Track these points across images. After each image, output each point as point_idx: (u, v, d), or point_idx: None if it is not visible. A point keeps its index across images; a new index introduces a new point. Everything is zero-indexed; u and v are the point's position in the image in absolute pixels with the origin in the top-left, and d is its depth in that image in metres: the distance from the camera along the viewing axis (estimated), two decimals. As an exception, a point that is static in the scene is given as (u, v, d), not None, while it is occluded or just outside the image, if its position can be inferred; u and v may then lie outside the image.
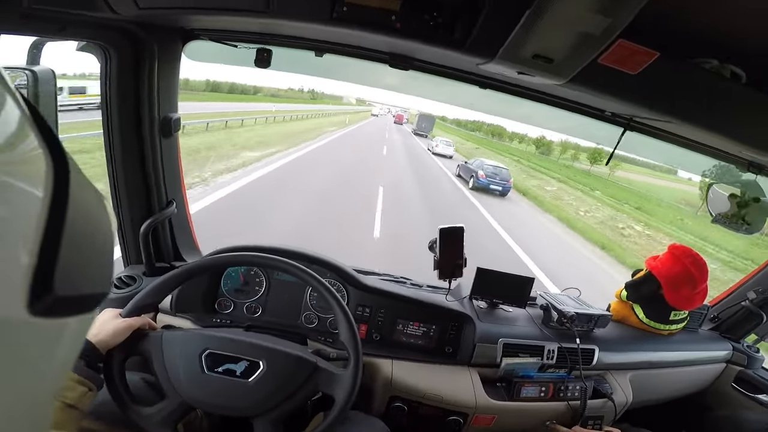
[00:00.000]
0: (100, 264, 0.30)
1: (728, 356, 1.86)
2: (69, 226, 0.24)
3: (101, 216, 0.31)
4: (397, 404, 1.40)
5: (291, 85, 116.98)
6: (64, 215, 0.24)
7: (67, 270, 0.24)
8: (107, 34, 1.13)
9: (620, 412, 1.53)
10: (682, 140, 1.38)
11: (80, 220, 0.26)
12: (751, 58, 0.86)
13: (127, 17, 1.05)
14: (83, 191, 0.27)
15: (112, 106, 1.26)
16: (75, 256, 0.25)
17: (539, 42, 0.82)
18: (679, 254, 1.64)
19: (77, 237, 0.25)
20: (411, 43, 0.98)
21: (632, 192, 32.79)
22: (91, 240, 0.29)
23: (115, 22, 1.10)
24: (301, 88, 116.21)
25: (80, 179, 0.27)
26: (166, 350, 0.98)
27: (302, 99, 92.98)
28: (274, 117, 29.65)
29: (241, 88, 53.76)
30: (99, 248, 0.30)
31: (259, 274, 1.51)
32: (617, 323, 1.79)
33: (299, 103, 66.35)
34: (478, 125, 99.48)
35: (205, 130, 16.70)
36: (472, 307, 1.62)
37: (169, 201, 1.49)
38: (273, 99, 61.75)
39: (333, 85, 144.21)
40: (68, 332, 0.27)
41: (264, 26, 1.19)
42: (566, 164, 47.20)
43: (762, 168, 1.36)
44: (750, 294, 1.81)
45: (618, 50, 0.80)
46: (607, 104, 1.22)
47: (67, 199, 0.24)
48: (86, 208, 0.28)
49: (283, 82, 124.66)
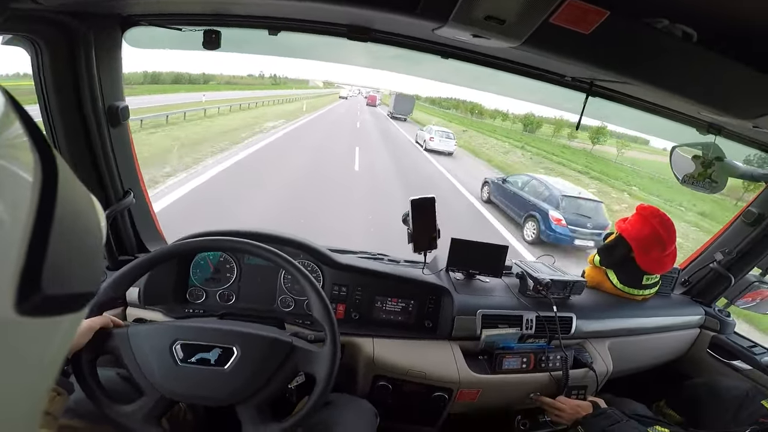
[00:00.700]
0: (88, 262, 0.30)
1: (701, 321, 1.91)
2: (57, 224, 0.24)
3: (90, 214, 0.31)
4: (382, 383, 1.40)
5: (252, 71, 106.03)
6: (53, 213, 0.24)
7: (55, 269, 0.24)
8: (33, 25, 1.06)
9: (602, 381, 1.56)
10: (645, 104, 1.40)
11: (69, 218, 0.26)
12: (700, 17, 0.85)
13: (52, 7, 0.99)
14: (72, 189, 0.27)
15: (51, 102, 1.19)
16: (64, 255, 0.25)
17: (490, 2, 0.80)
18: (647, 215, 1.66)
19: (66, 235, 0.25)
20: (367, 12, 0.96)
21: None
22: (79, 238, 0.28)
23: (41, 13, 1.03)
24: (262, 74, 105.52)
25: (68, 177, 0.27)
26: (135, 346, 0.95)
27: (262, 85, 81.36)
28: (219, 108, 21.44)
29: (189, 77, 47.29)
30: (88, 246, 0.30)
31: (229, 260, 1.48)
32: (592, 290, 1.82)
33: (258, 90, 57.40)
34: (455, 103, 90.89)
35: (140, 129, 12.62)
36: (449, 279, 1.62)
37: (126, 191, 1.44)
38: (226, 87, 52.50)
39: (298, 68, 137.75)
40: (56, 331, 0.27)
41: (209, 6, 1.15)
42: (564, 144, 41.52)
43: (720, 129, 1.39)
44: (717, 255, 1.85)
45: (568, 9, 0.79)
46: (567, 68, 1.22)
47: (56, 197, 0.24)
48: (75, 206, 0.28)
49: (243, 68, 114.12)
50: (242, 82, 72.88)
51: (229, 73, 72.01)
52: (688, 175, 1.60)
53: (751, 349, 1.78)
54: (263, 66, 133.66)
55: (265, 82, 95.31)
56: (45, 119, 1.22)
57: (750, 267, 1.84)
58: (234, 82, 66.78)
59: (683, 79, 1.00)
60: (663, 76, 0.99)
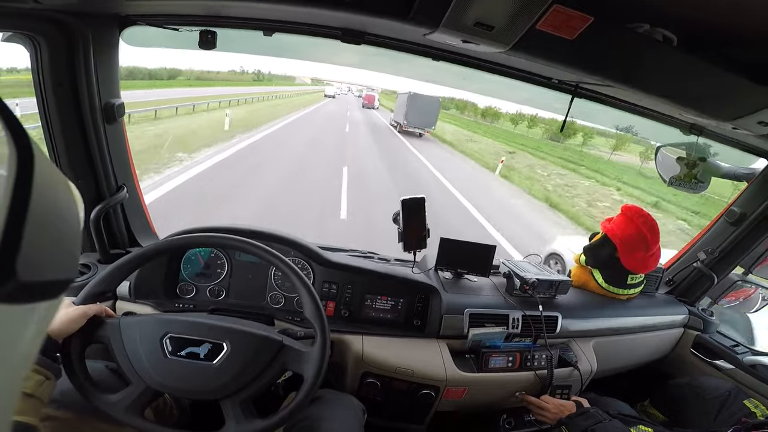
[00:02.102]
0: (65, 249, 0.30)
1: (685, 320, 1.94)
2: (33, 210, 0.24)
3: (67, 200, 0.30)
4: (370, 380, 1.41)
5: (235, 66, 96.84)
6: (28, 199, 0.24)
7: (30, 255, 0.23)
8: (33, 23, 1.08)
9: (586, 381, 1.58)
10: (629, 105, 1.44)
11: (44, 204, 0.25)
12: (679, 21, 0.89)
13: (53, 6, 1.01)
14: (48, 176, 0.27)
15: (48, 98, 1.21)
16: (39, 242, 0.25)
17: (479, 9, 0.83)
18: (632, 215, 1.70)
19: (42, 223, 0.25)
20: (361, 17, 0.97)
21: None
22: (56, 225, 0.28)
23: (41, 12, 1.05)
24: (244, 70, 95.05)
25: (44, 163, 0.26)
26: (126, 336, 0.96)
27: (242, 82, 72.37)
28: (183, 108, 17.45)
29: (148, 72, 41.51)
30: (64, 233, 0.29)
31: (220, 256, 1.50)
32: (578, 289, 1.85)
33: (235, 86, 50.97)
34: (461, 104, 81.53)
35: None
36: (438, 278, 1.65)
37: (119, 186, 1.46)
38: (197, 83, 45.05)
39: (285, 65, 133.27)
40: (32, 319, 0.27)
41: (207, 8, 1.16)
42: (586, 153, 36.07)
43: (702, 130, 1.43)
44: (701, 255, 1.89)
45: (554, 15, 0.82)
46: (553, 71, 1.25)
47: (31, 183, 0.24)
48: (51, 193, 0.27)
49: (223, 63, 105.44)
50: (217, 77, 65.69)
51: (201, 68, 63.48)
52: (675, 177, 1.65)
53: (733, 348, 1.82)
54: (245, 61, 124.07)
55: (246, 78, 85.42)
56: (42, 115, 1.24)
57: (733, 266, 1.87)
58: (206, 77, 59.12)
59: (664, 82, 1.04)
60: (645, 79, 1.03)
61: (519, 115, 55.09)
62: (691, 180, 1.62)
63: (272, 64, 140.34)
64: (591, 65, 1.00)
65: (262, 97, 38.80)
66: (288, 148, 13.03)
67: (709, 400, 1.55)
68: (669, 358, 1.98)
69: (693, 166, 1.60)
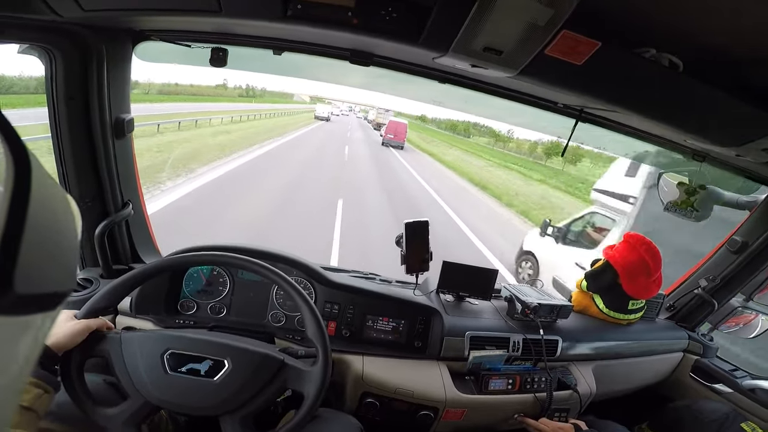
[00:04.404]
0: (63, 262, 0.29)
1: (685, 345, 1.94)
2: (30, 222, 0.23)
3: (65, 213, 0.30)
4: (369, 400, 1.40)
5: (218, 79, 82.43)
6: (26, 211, 0.23)
7: (28, 267, 0.23)
8: (50, 36, 1.10)
9: (585, 403, 1.57)
10: (632, 130, 1.46)
11: (43, 216, 0.25)
12: (686, 47, 0.91)
13: (71, 19, 1.03)
14: (45, 188, 0.27)
15: (60, 109, 1.22)
16: (37, 254, 0.25)
17: (488, 35, 0.85)
18: (635, 243, 1.70)
19: (39, 234, 0.25)
20: (370, 39, 1.00)
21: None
22: (54, 237, 0.28)
23: (59, 25, 1.07)
24: (236, 85, 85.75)
25: (42, 175, 0.26)
26: (126, 351, 0.97)
27: (221, 97, 59.70)
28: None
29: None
30: (62, 246, 0.29)
31: (223, 274, 1.49)
32: (579, 314, 1.84)
33: (212, 102, 42.52)
34: (463, 125, 77.32)
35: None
36: (440, 300, 1.64)
37: (125, 202, 1.46)
38: (157, 99, 32.83)
39: (285, 81, 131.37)
40: (30, 331, 0.26)
41: (218, 26, 1.18)
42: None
43: (705, 156, 1.44)
44: (702, 282, 1.89)
45: (563, 41, 0.84)
46: (558, 96, 1.27)
47: (29, 195, 0.24)
48: (49, 204, 0.27)
49: (213, 78, 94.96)
50: (185, 91, 50.96)
51: (164, 80, 49.49)
52: (672, 202, 1.66)
53: (732, 372, 1.81)
54: (231, 75, 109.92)
55: (232, 93, 74.38)
56: (53, 127, 1.25)
57: (733, 293, 1.87)
58: (168, 91, 44.60)
59: (669, 107, 1.06)
60: (650, 105, 1.05)
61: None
62: (687, 207, 1.63)
63: (272, 80, 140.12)
64: (597, 90, 1.02)
65: (249, 116, 32.23)
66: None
67: (707, 423, 1.55)
68: (668, 382, 1.96)
69: (692, 193, 1.61)
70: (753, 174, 1.58)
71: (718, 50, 0.91)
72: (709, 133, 1.14)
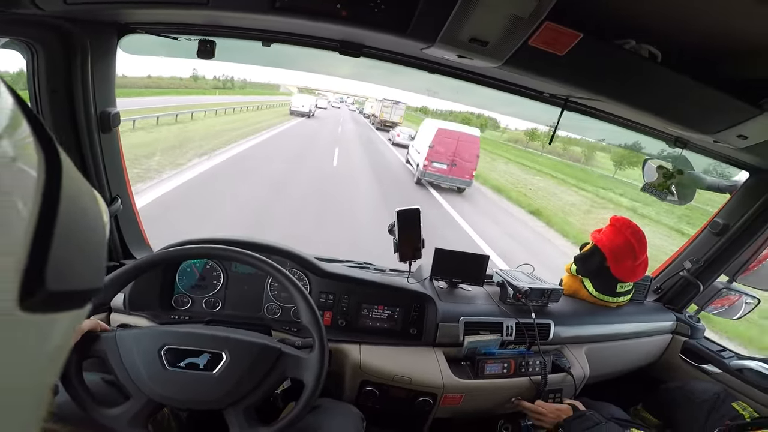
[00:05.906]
0: (92, 259, 0.29)
1: (673, 327, 1.99)
2: (61, 220, 0.24)
3: (93, 210, 0.30)
4: (368, 389, 1.42)
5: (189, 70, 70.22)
6: (57, 210, 0.23)
7: (59, 265, 0.23)
8: (31, 30, 1.07)
9: (579, 386, 1.61)
10: (616, 119, 1.49)
11: (72, 214, 0.25)
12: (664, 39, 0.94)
13: (53, 13, 1.01)
14: (75, 186, 0.27)
15: (43, 105, 1.19)
16: (67, 251, 0.25)
17: (474, 26, 0.87)
18: (620, 226, 1.74)
19: (69, 231, 0.25)
20: (359, 31, 1.00)
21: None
22: (83, 235, 0.28)
23: (41, 18, 1.04)
24: (195, 74, 70.87)
25: (71, 171, 0.26)
26: (122, 350, 0.96)
27: (201, 90, 48.48)
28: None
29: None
30: (91, 243, 0.29)
31: (216, 267, 1.49)
32: (569, 297, 1.88)
33: (180, 95, 32.87)
34: (476, 118, 67.27)
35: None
36: (433, 287, 1.66)
37: (114, 198, 1.44)
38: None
39: (271, 72, 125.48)
40: (59, 328, 0.26)
41: (205, 18, 1.17)
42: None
43: (686, 143, 1.48)
44: (686, 264, 1.94)
45: (545, 32, 0.86)
46: (544, 85, 1.29)
47: (60, 192, 0.24)
48: (78, 202, 0.27)
49: (186, 69, 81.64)
50: (139, 84, 39.37)
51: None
52: (649, 184, 1.71)
53: (720, 353, 1.86)
54: (204, 66, 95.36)
55: (207, 84, 60.32)
56: None
57: (717, 274, 1.92)
58: (124, 84, 34.14)
59: (649, 96, 1.08)
60: (631, 94, 1.08)
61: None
62: (663, 189, 1.68)
63: (257, 71, 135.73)
64: (580, 80, 1.04)
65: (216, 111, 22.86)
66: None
67: (699, 403, 1.59)
68: (659, 363, 2.01)
69: (670, 176, 1.66)
70: (731, 159, 1.62)
71: (694, 43, 0.94)
72: (688, 120, 1.16)
